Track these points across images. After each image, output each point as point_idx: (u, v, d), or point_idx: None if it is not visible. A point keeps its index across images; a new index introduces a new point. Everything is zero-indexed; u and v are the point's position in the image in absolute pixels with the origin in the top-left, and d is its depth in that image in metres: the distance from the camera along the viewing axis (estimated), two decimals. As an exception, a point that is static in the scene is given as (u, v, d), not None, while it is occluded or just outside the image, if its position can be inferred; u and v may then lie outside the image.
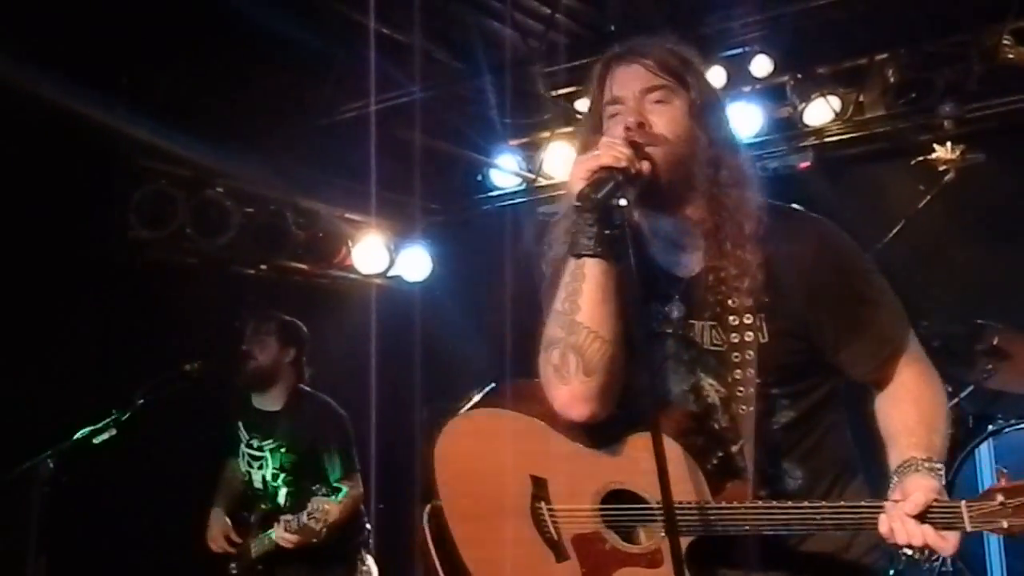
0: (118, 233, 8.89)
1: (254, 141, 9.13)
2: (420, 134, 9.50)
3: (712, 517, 3.30)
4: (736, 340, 3.41)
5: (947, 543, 3.04)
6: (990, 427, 7.61)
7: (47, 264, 7.94)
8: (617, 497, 3.52)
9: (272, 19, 7.66)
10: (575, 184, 3.28)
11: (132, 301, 8.63)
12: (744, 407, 3.42)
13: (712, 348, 3.49)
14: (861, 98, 9.31)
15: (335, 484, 7.38)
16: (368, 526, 7.78)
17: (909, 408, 3.39)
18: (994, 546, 7.75)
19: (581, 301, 3.39)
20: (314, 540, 7.03)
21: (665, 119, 3.42)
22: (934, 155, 7.71)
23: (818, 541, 3.46)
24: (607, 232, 3.29)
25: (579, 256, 3.39)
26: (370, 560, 7.69)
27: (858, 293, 3.46)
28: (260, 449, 7.59)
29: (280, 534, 7.10)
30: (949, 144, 7.71)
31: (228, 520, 7.66)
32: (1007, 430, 7.56)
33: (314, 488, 7.01)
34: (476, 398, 3.97)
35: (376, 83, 8.48)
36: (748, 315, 3.38)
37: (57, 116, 7.39)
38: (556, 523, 3.67)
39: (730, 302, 3.40)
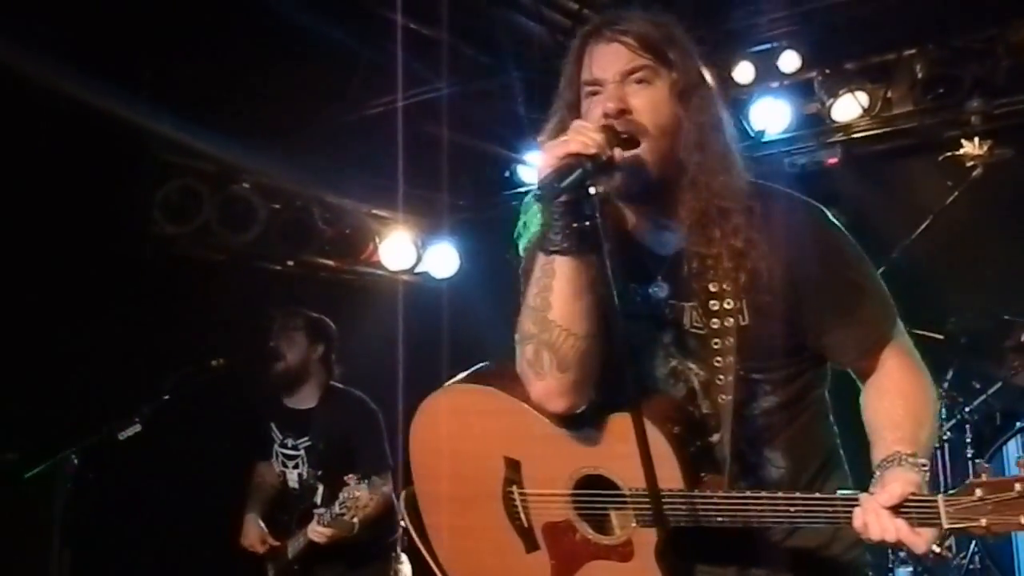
0: (143, 228, 8.92)
1: (280, 136, 9.15)
2: (447, 130, 9.48)
3: (685, 508, 3.19)
4: (717, 325, 3.30)
5: (921, 539, 2.92)
6: (1018, 424, 7.58)
7: (72, 260, 7.95)
8: (591, 483, 3.41)
9: (299, 14, 7.67)
10: (541, 172, 3.10)
11: (157, 297, 8.64)
12: (724, 396, 3.32)
13: (693, 330, 3.37)
14: (889, 94, 9.28)
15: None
16: (402, 523, 7.75)
17: (895, 401, 3.27)
18: (1022, 542, 7.72)
19: (552, 299, 3.26)
20: (348, 535, 7.00)
21: (647, 102, 3.27)
22: (962, 151, 7.71)
23: (799, 537, 3.37)
24: (576, 225, 3.14)
25: (548, 253, 3.23)
26: (404, 558, 7.66)
27: (844, 279, 3.35)
28: (295, 448, 7.55)
29: (313, 527, 7.07)
30: (977, 139, 7.70)
31: (263, 524, 7.64)
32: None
33: (346, 478, 6.93)
34: (462, 374, 3.80)
35: (403, 79, 8.48)
36: (730, 300, 3.28)
37: (82, 111, 7.40)
38: (528, 509, 3.55)
39: (712, 286, 3.28)
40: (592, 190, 3.05)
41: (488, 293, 10.83)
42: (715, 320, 3.30)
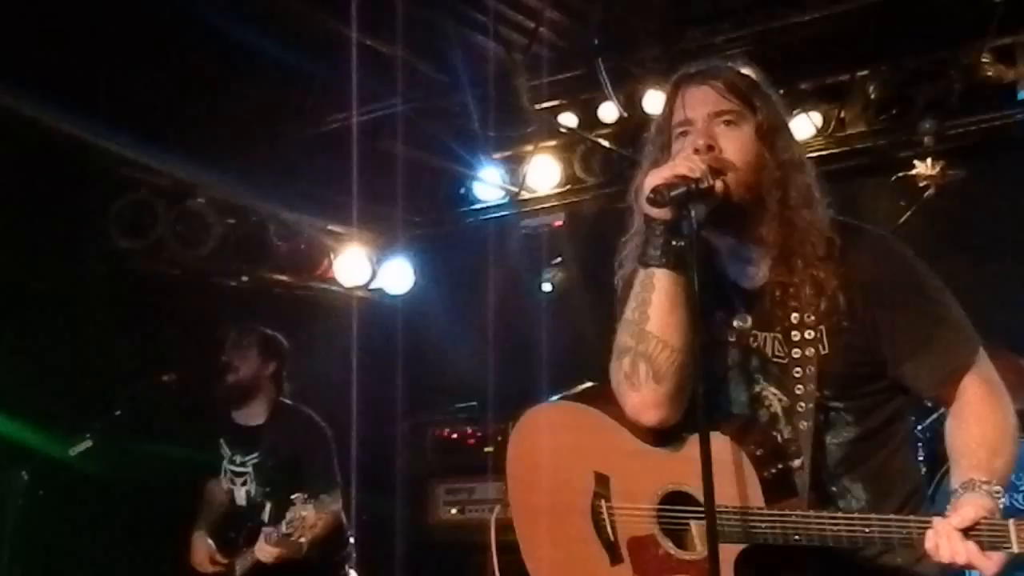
0: (97, 243, 8.87)
1: (236, 152, 9.11)
2: (403, 146, 9.49)
3: (760, 525, 3.31)
4: (798, 355, 3.44)
5: (990, 562, 3.01)
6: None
7: (25, 274, 7.92)
8: (676, 499, 3.54)
9: (254, 30, 7.66)
10: (649, 186, 3.34)
11: (111, 311, 8.60)
12: (805, 422, 3.44)
13: (775, 359, 3.52)
14: (842, 114, 9.33)
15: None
16: (351, 540, 7.74)
17: (972, 428, 3.34)
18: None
19: (650, 311, 3.46)
20: (296, 556, 6.96)
21: (734, 142, 3.46)
22: (915, 171, 7.75)
23: (887, 557, 3.42)
24: (674, 243, 3.37)
25: (648, 266, 3.46)
26: (353, 574, 7.65)
27: (922, 308, 3.45)
28: (243, 465, 7.53)
29: (261, 546, 7.04)
30: (929, 160, 7.76)
31: (212, 542, 7.59)
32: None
33: (293, 497, 6.92)
34: (562, 394, 4.01)
35: (359, 95, 8.46)
36: (811, 330, 3.42)
37: (36, 125, 7.37)
38: (614, 523, 3.70)
39: (793, 316, 3.44)
40: (692, 212, 3.25)
41: (443, 309, 10.89)
42: (796, 350, 3.45)
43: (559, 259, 11.26)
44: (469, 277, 10.78)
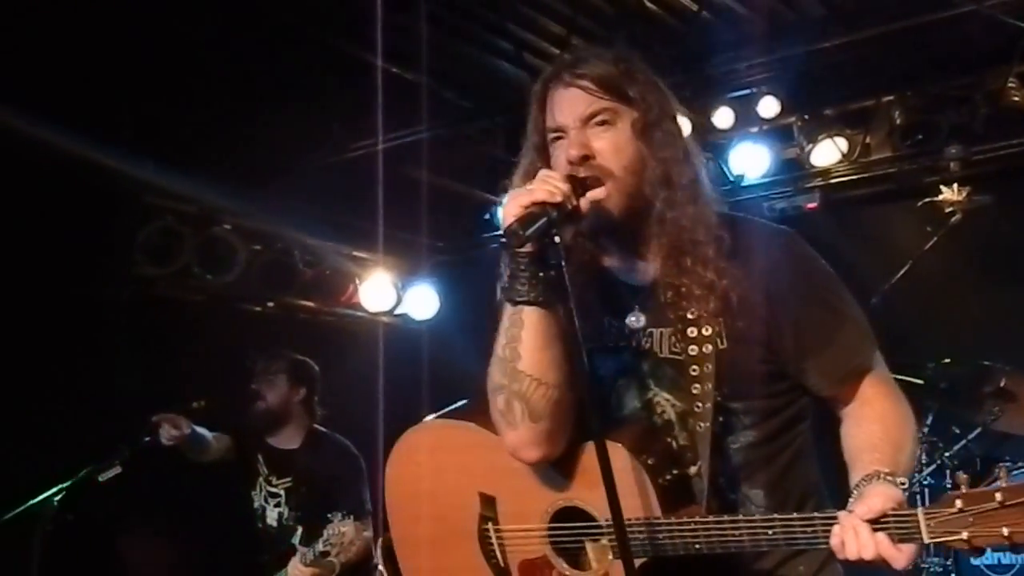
0: (124, 270, 8.91)
1: (262, 179, 9.14)
2: (428, 173, 9.50)
3: (661, 535, 3.13)
4: (695, 352, 3.26)
5: (902, 555, 2.83)
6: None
7: (53, 300, 7.94)
8: (567, 515, 3.34)
9: (280, 59, 7.68)
10: (506, 220, 3.13)
11: (137, 338, 8.62)
12: (702, 424, 3.27)
13: (670, 356, 3.33)
14: (868, 139, 9.34)
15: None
16: (380, 568, 7.70)
17: (874, 427, 3.20)
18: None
19: (521, 349, 3.26)
20: None
21: (610, 144, 3.25)
22: (940, 197, 7.71)
23: (788, 568, 3.30)
24: (542, 274, 3.16)
25: (515, 304, 3.25)
26: (380, 604, 7.61)
27: (823, 303, 3.31)
28: (277, 487, 7.53)
29: (294, 565, 7.02)
30: (955, 186, 7.72)
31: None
32: (1015, 472, 7.53)
33: (329, 516, 6.89)
34: (440, 412, 3.76)
35: (384, 122, 8.48)
36: (707, 326, 3.24)
37: (63, 153, 7.40)
38: (504, 546, 3.48)
39: (688, 314, 3.25)
40: (557, 239, 3.06)
41: (468, 335, 10.84)
42: (692, 347, 3.27)
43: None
44: (493, 302, 10.77)
